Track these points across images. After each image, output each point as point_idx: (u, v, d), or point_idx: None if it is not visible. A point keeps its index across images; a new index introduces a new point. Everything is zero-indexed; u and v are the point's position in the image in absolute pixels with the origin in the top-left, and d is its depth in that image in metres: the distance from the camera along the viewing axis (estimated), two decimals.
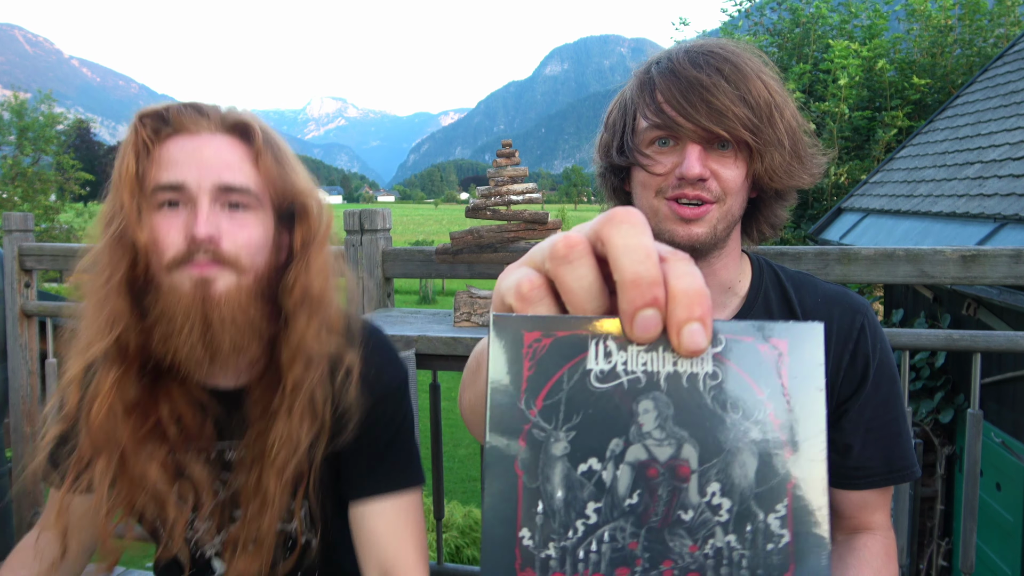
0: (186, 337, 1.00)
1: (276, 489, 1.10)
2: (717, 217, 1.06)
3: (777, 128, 1.04)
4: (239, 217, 1.05)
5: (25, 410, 2.33)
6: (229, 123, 1.07)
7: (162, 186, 1.02)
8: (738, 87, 1.02)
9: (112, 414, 1.03)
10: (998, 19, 10.42)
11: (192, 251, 1.01)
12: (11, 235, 2.29)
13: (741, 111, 1.01)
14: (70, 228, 23.04)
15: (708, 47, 1.07)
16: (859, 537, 1.15)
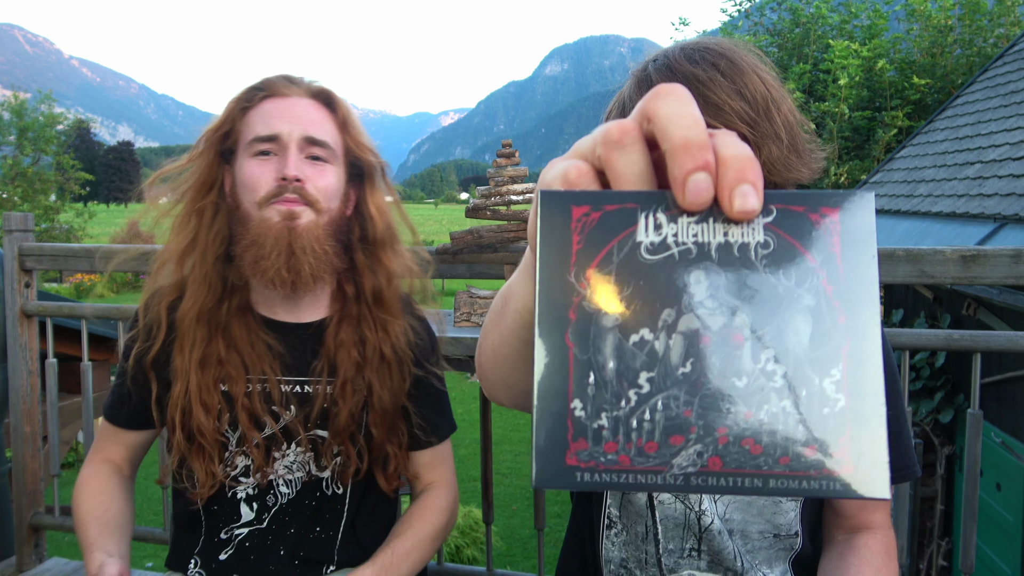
0: (274, 260, 1.18)
1: (347, 419, 1.26)
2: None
3: (774, 122, 1.04)
4: (319, 166, 1.24)
5: (25, 410, 2.33)
6: (315, 91, 1.28)
7: (259, 137, 1.22)
8: (734, 81, 1.02)
9: (192, 327, 1.23)
10: (998, 19, 10.42)
11: (281, 189, 1.20)
12: (11, 235, 2.29)
13: (737, 104, 1.01)
14: (70, 228, 23.06)
15: (704, 44, 1.08)
16: (859, 536, 1.16)
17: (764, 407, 0.37)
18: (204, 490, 1.24)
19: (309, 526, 1.30)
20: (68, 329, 4.94)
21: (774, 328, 0.38)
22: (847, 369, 0.37)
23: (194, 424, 1.22)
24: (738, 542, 1.15)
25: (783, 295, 0.38)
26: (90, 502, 1.30)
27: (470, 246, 2.07)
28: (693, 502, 1.14)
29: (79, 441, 7.61)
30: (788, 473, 0.37)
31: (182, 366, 1.23)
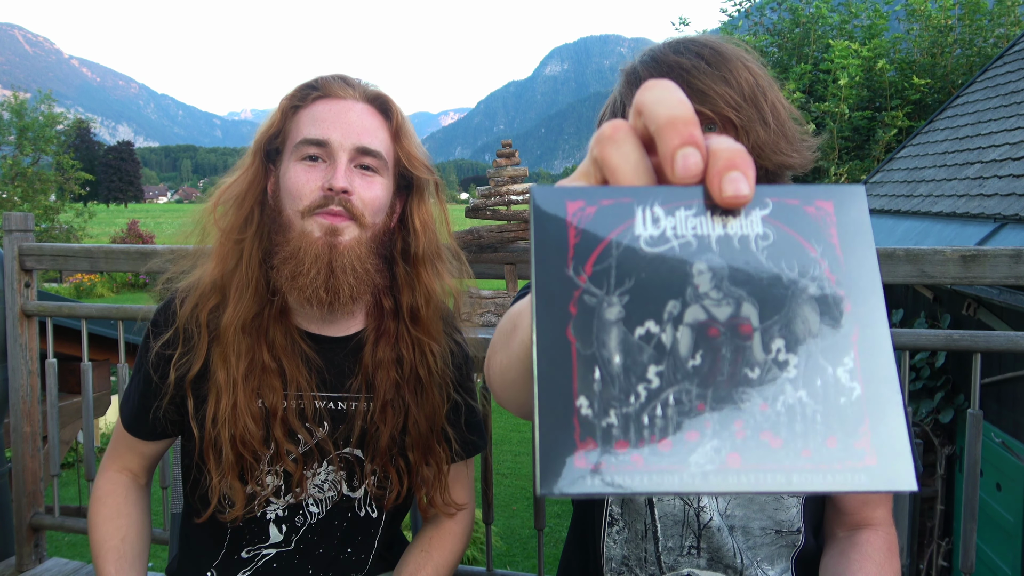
0: (312, 279, 1.12)
1: (388, 441, 1.22)
2: None
3: (761, 107, 1.06)
4: (369, 178, 1.18)
5: (25, 410, 2.33)
6: (371, 95, 1.21)
7: (308, 140, 1.15)
8: (719, 68, 1.04)
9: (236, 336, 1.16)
10: (998, 19, 10.43)
11: (327, 200, 1.13)
12: (11, 235, 2.29)
13: (723, 90, 1.03)
14: (70, 228, 23.05)
15: (690, 37, 1.10)
16: (861, 533, 1.16)
17: (780, 398, 0.36)
18: (240, 510, 1.18)
19: (340, 548, 1.26)
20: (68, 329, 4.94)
21: (782, 318, 0.37)
22: (859, 357, 0.36)
23: (239, 438, 1.15)
24: (739, 539, 1.15)
25: (788, 285, 0.37)
26: (107, 526, 1.25)
27: (470, 246, 2.07)
28: (692, 499, 1.14)
29: (79, 441, 7.61)
30: (811, 467, 0.35)
31: (227, 379, 1.16)
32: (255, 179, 1.20)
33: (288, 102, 1.19)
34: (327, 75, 1.21)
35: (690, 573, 1.17)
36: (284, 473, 1.20)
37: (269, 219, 1.19)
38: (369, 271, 1.17)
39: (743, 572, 1.15)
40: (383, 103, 1.21)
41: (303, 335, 1.23)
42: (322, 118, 1.16)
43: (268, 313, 1.19)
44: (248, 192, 1.19)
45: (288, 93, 1.20)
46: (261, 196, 1.20)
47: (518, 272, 2.09)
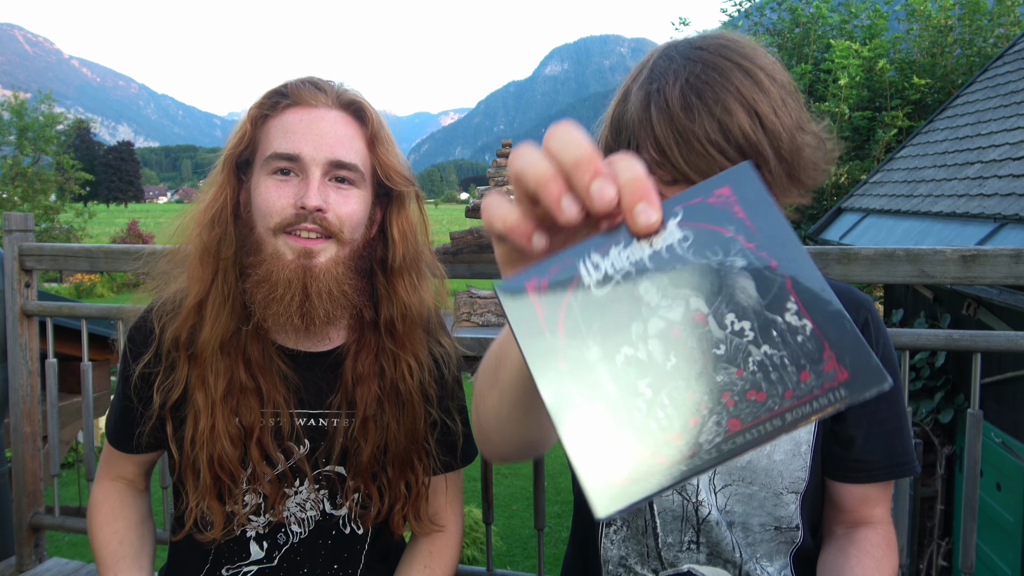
0: (287, 305, 1.08)
1: (370, 458, 1.18)
2: None
3: (767, 161, 0.99)
4: (344, 191, 1.12)
5: (25, 410, 2.33)
6: (345, 101, 1.14)
7: (278, 154, 1.08)
8: (726, 131, 0.97)
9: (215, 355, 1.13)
10: (998, 19, 10.43)
11: (300, 218, 1.07)
12: (11, 235, 2.29)
13: (730, 154, 0.97)
14: (70, 228, 23.06)
15: (699, 80, 0.99)
16: (860, 530, 1.16)
17: (749, 360, 0.41)
18: (219, 531, 1.16)
19: (325, 566, 1.23)
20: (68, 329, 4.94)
21: (725, 296, 0.43)
22: (798, 298, 0.42)
23: (216, 460, 1.12)
24: (739, 535, 1.16)
25: (718, 268, 0.43)
26: (103, 531, 1.23)
27: (470, 246, 2.07)
28: (690, 493, 1.15)
29: (79, 441, 7.61)
30: (797, 403, 0.40)
31: (205, 401, 1.13)
32: (226, 195, 1.13)
33: (256, 111, 1.12)
34: (297, 80, 1.14)
35: (690, 569, 1.17)
36: (263, 493, 1.17)
37: (242, 234, 1.13)
38: (347, 292, 1.12)
39: (742, 567, 1.15)
40: (358, 109, 1.14)
41: (280, 351, 1.18)
42: (292, 129, 1.09)
43: (245, 330, 1.14)
44: (220, 211, 1.12)
45: (256, 101, 1.13)
46: (234, 211, 1.14)
47: None
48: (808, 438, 1.13)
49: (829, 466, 1.17)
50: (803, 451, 1.13)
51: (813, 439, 1.13)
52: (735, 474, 1.13)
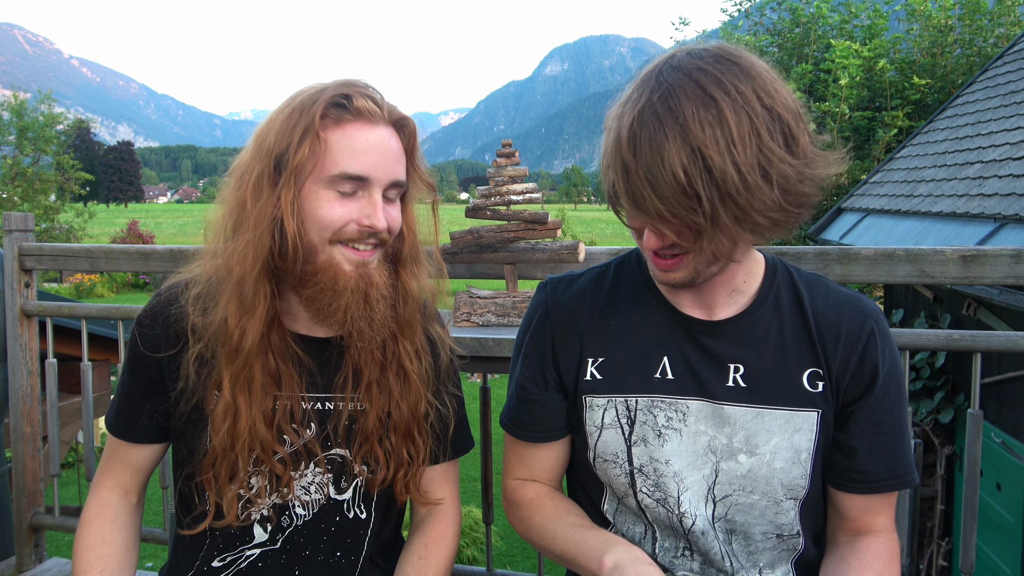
0: (353, 313, 1.13)
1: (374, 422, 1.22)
2: (696, 262, 1.01)
3: (708, 208, 0.91)
4: (394, 205, 1.19)
5: (25, 410, 2.32)
6: (395, 118, 1.17)
7: (347, 175, 1.10)
8: (657, 177, 0.90)
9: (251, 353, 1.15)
10: (998, 19, 10.43)
11: (362, 236, 1.13)
12: (11, 235, 2.29)
13: (663, 205, 0.91)
14: (70, 228, 23.06)
15: (646, 114, 0.92)
16: (862, 539, 1.16)
17: None
18: (233, 517, 1.18)
19: (328, 551, 1.25)
20: (68, 329, 4.94)
21: None
22: None
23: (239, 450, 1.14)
24: (740, 543, 1.16)
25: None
26: (88, 555, 1.22)
27: (470, 246, 2.07)
28: (672, 505, 1.15)
29: (79, 441, 7.61)
30: None
31: (232, 395, 1.15)
32: (288, 203, 1.10)
33: (322, 121, 1.09)
34: (354, 90, 1.13)
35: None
36: (269, 473, 1.19)
37: (280, 236, 1.11)
38: (391, 292, 1.19)
39: (734, 575, 1.15)
40: (403, 123, 1.18)
41: (294, 338, 1.21)
42: (360, 149, 1.10)
43: (271, 324, 1.17)
44: (277, 216, 1.11)
45: (316, 109, 1.09)
46: (274, 213, 1.12)
47: (518, 272, 2.09)
48: (808, 446, 1.12)
49: (831, 475, 1.16)
50: (803, 459, 1.12)
51: (813, 447, 1.12)
52: (735, 483, 1.13)
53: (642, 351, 1.16)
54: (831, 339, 1.13)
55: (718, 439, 1.13)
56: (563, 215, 41.16)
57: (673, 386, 1.15)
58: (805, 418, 1.12)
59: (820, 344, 1.13)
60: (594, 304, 1.21)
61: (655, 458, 1.15)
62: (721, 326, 1.15)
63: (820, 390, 1.12)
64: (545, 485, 1.30)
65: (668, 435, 1.14)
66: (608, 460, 1.18)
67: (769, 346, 1.14)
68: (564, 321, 1.22)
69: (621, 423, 1.16)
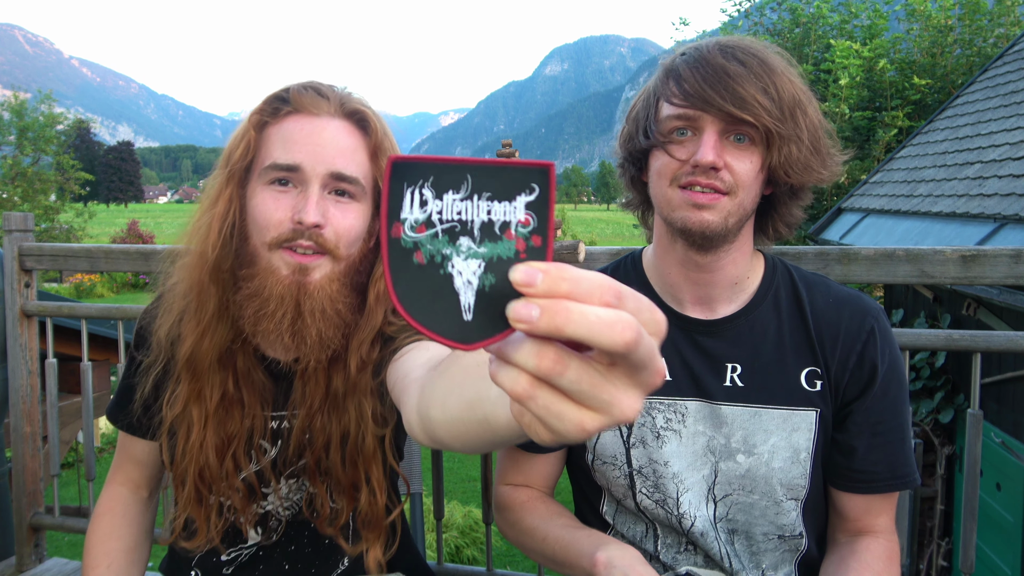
0: (277, 322, 1.03)
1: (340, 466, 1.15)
2: (729, 209, 1.06)
3: (798, 123, 1.05)
4: (344, 205, 1.07)
5: (25, 410, 2.33)
6: (348, 109, 1.09)
7: (277, 165, 1.04)
8: (762, 79, 1.03)
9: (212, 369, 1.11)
10: (998, 19, 10.43)
11: (296, 234, 1.03)
12: (11, 235, 2.29)
13: (764, 100, 1.02)
14: (70, 228, 23.07)
15: (736, 42, 1.09)
16: (862, 540, 1.16)
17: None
18: (203, 539, 1.16)
19: (318, 539, 1.24)
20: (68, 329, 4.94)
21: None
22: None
23: (198, 472, 1.12)
24: (742, 543, 1.16)
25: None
26: (97, 550, 1.23)
27: None
28: (671, 506, 1.15)
29: (79, 441, 7.61)
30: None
31: (200, 414, 1.11)
32: (235, 209, 1.09)
33: (257, 116, 1.08)
34: (299, 85, 1.10)
35: (688, 571, 1.18)
36: (243, 491, 1.17)
37: (236, 243, 1.09)
38: (341, 311, 1.07)
39: (735, 574, 1.15)
40: (361, 118, 1.10)
41: (260, 359, 1.16)
42: (292, 138, 1.05)
43: (236, 341, 1.12)
44: (231, 227, 1.08)
45: (256, 106, 1.08)
46: (233, 222, 1.10)
47: None
48: (807, 445, 1.12)
49: (831, 474, 1.16)
50: (802, 458, 1.12)
51: (812, 446, 1.12)
52: (735, 483, 1.13)
53: None
54: (830, 338, 1.13)
55: (716, 439, 1.13)
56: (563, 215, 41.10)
57: (671, 387, 1.15)
58: (803, 417, 1.12)
59: (819, 343, 1.13)
60: None
61: (654, 459, 1.15)
62: (718, 325, 1.15)
63: (818, 389, 1.12)
64: (537, 490, 1.30)
65: (667, 436, 1.14)
66: (607, 462, 1.18)
67: (767, 345, 1.14)
68: None
69: (620, 425, 1.17)
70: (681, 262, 1.14)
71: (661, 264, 1.18)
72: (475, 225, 0.43)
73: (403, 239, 0.43)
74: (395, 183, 0.43)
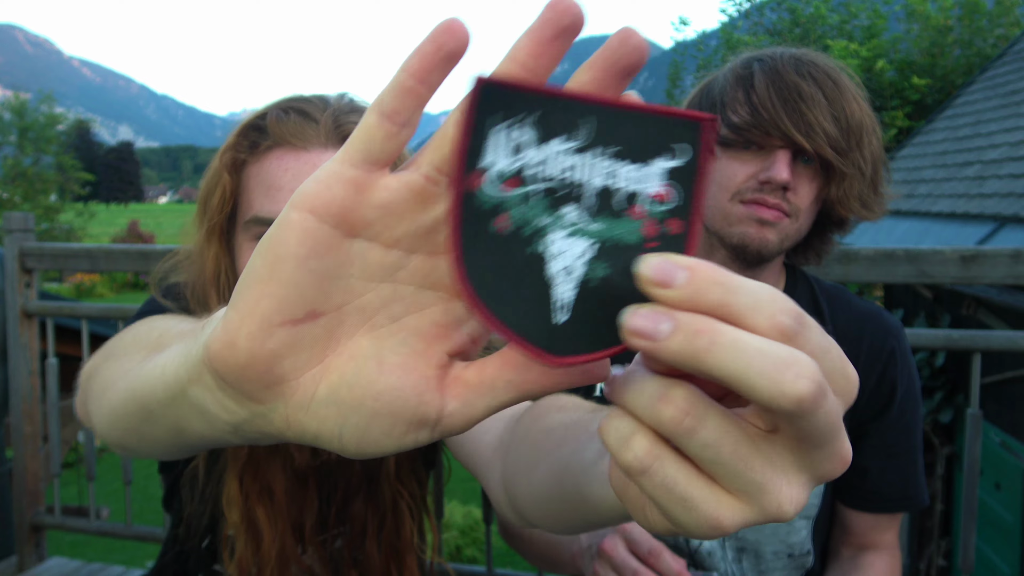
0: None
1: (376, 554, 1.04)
2: (788, 232, 1.02)
3: (863, 154, 1.00)
4: None
5: (25, 410, 2.33)
6: (344, 133, 0.87)
7: (261, 220, 0.85)
8: (834, 104, 0.99)
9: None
10: (997, 19, 10.43)
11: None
12: (12, 235, 2.29)
13: (832, 129, 0.97)
14: (70, 228, 23.08)
15: (811, 57, 1.03)
16: (866, 555, 1.15)
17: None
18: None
19: None
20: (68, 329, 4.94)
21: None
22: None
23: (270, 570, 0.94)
24: (749, 562, 1.15)
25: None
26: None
27: None
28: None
29: (79, 441, 7.61)
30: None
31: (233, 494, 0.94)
32: (222, 268, 0.91)
33: (231, 154, 0.89)
34: (278, 108, 0.89)
35: None
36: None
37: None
38: None
39: None
40: None
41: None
42: (276, 184, 0.85)
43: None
44: (220, 286, 0.91)
45: (228, 141, 0.89)
46: (228, 283, 0.93)
47: None
48: None
49: (840, 492, 1.15)
50: None
51: None
52: None
53: None
54: (851, 355, 1.10)
55: None
56: None
57: None
58: None
59: None
60: None
61: None
62: None
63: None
64: None
65: None
66: None
67: None
68: None
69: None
70: None
71: None
72: (589, 190, 0.31)
73: (482, 194, 0.30)
74: (480, 115, 0.31)
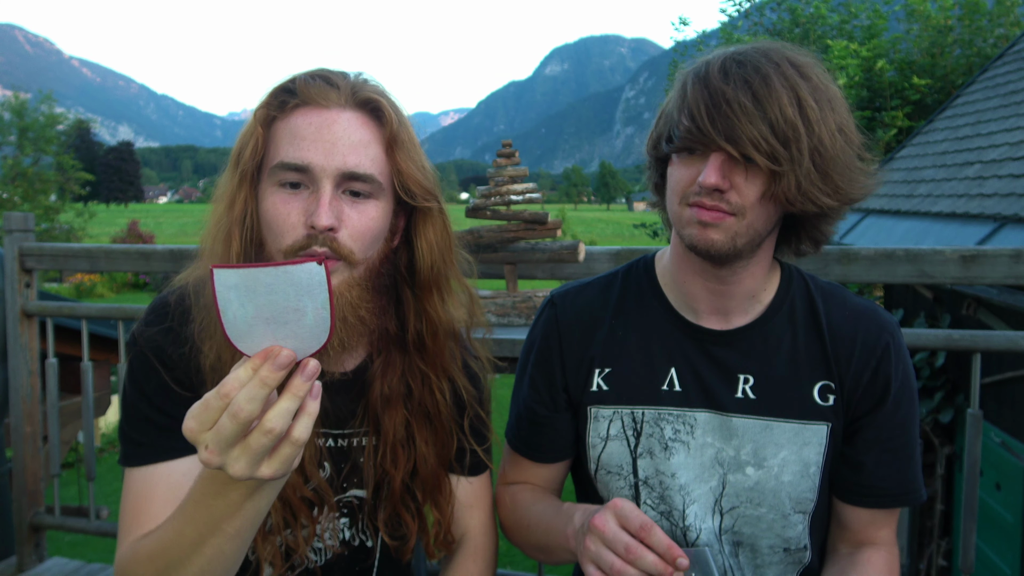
0: None
1: (401, 485, 1.10)
2: (736, 230, 1.02)
3: (800, 148, 0.97)
4: (360, 206, 1.01)
5: (25, 410, 2.33)
6: (361, 98, 1.02)
7: (286, 164, 0.98)
8: (761, 105, 0.96)
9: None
10: (998, 19, 10.43)
11: (310, 240, 0.97)
12: (12, 235, 2.29)
13: (757, 132, 0.96)
14: (70, 228, 23.09)
15: (744, 56, 1.01)
16: (863, 551, 1.15)
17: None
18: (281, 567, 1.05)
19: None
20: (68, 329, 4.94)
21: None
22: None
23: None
24: (745, 556, 1.15)
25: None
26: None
27: (470, 246, 2.07)
28: (676, 519, 1.14)
29: (79, 441, 7.61)
30: None
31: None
32: (251, 210, 1.02)
33: (264, 111, 1.01)
34: (305, 75, 1.02)
35: None
36: (283, 513, 1.06)
37: (253, 251, 1.02)
38: (364, 317, 1.02)
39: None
40: (375, 107, 1.02)
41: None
42: (302, 135, 0.98)
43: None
44: (244, 227, 1.01)
45: (262, 100, 1.01)
46: (252, 225, 1.03)
47: (518, 272, 2.09)
48: (817, 459, 1.11)
49: (837, 488, 1.15)
50: (811, 472, 1.11)
51: (822, 460, 1.11)
52: (743, 496, 1.12)
53: (650, 362, 1.15)
54: (845, 352, 1.11)
55: (725, 451, 1.12)
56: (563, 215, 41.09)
57: (681, 398, 1.14)
58: (815, 431, 1.11)
59: (833, 356, 1.11)
60: (602, 315, 1.20)
61: (661, 471, 1.14)
62: (731, 336, 1.13)
63: (831, 403, 1.11)
64: (531, 484, 1.29)
65: (675, 448, 1.13)
66: (612, 472, 1.17)
67: (780, 357, 1.12)
68: (571, 337, 1.21)
69: (627, 435, 1.16)
70: (699, 272, 1.11)
71: (679, 273, 1.15)
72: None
73: None
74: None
